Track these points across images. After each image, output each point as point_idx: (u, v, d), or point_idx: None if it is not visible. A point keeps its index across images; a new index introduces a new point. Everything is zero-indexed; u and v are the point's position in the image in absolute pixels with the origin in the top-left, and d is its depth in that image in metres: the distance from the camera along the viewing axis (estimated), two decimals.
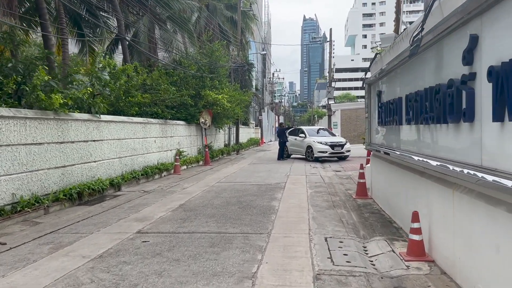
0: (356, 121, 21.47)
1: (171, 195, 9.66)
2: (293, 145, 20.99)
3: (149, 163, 13.46)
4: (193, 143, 18.63)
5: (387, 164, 7.36)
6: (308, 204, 8.30)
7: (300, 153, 20.27)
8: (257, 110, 51.15)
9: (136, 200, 9.17)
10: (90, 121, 9.93)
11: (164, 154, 14.96)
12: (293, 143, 20.93)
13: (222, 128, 23.01)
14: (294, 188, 10.49)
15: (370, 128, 9.18)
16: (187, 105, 17.83)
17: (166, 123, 15.28)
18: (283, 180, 12.19)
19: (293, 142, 20.99)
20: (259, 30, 53.47)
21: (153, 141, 13.94)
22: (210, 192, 10.00)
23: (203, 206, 8.21)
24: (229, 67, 23.59)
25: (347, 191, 9.98)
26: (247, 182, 11.82)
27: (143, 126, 13.13)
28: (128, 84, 13.91)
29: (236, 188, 10.59)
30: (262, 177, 13.16)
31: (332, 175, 13.48)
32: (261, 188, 10.64)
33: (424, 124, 5.03)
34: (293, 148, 21.04)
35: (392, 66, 6.67)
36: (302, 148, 19.91)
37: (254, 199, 8.86)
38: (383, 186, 7.79)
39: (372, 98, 8.96)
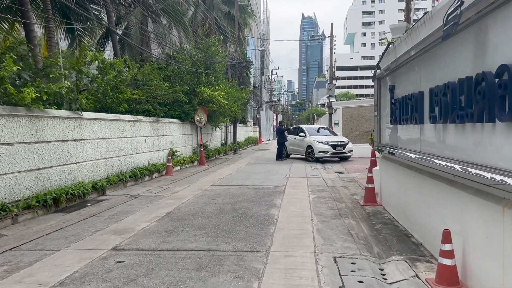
0: (358, 119, 20.56)
1: (159, 201, 8.75)
2: (292, 145, 20.10)
3: (138, 164, 12.54)
4: (187, 142, 17.71)
5: (402, 168, 6.46)
6: (311, 212, 7.40)
7: (300, 153, 19.37)
8: (255, 108, 50.23)
9: (120, 206, 8.25)
10: (70, 118, 9.00)
11: (156, 154, 14.03)
12: (293, 143, 20.03)
13: (219, 126, 22.10)
14: (295, 193, 9.59)
15: (380, 127, 8.29)
16: (181, 102, 16.90)
17: (158, 121, 14.35)
18: (282, 183, 11.29)
19: (292, 141, 20.09)
20: (257, 26, 52.51)
21: (143, 141, 13.01)
22: (202, 197, 9.09)
23: (193, 214, 7.29)
24: (225, 63, 22.65)
25: (353, 197, 9.08)
26: (244, 185, 10.91)
27: (132, 125, 12.20)
28: (116, 79, 12.98)
29: (231, 193, 9.68)
30: (260, 179, 12.25)
31: (334, 178, 12.59)
32: (258, 192, 9.73)
33: (456, 123, 4.13)
34: (292, 147, 20.15)
35: (410, 56, 5.77)
36: (302, 148, 19.01)
37: (250, 206, 7.95)
38: (396, 193, 6.89)
39: (382, 94, 8.05)
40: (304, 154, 18.77)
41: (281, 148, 19.79)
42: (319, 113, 74.24)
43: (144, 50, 17.04)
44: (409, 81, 6.03)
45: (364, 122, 20.26)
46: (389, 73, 7.27)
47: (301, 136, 19.20)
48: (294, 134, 20.23)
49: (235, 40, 28.25)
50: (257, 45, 60.35)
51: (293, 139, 20.07)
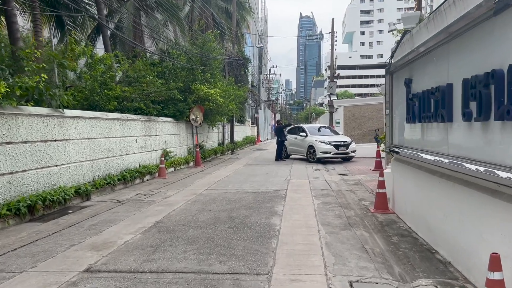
0: (361, 118, 19.78)
1: (147, 208, 7.92)
2: (292, 145, 19.22)
3: (129, 166, 11.70)
4: (182, 142, 16.88)
5: (422, 172, 5.66)
6: (317, 221, 6.59)
7: (301, 153, 18.53)
8: (253, 107, 49.41)
9: (104, 214, 7.41)
10: (50, 116, 8.16)
11: (148, 155, 13.20)
12: (293, 143, 19.16)
13: (215, 126, 21.25)
14: (297, 198, 8.78)
15: (392, 126, 7.49)
16: (175, 100, 16.05)
17: (150, 120, 13.52)
18: (283, 187, 10.49)
19: (292, 141, 19.21)
20: (255, 23, 51.67)
21: (134, 141, 12.18)
22: (196, 203, 8.27)
23: (184, 224, 6.47)
24: (222, 60, 21.82)
25: (362, 202, 8.27)
26: (242, 189, 10.10)
27: (121, 123, 11.37)
28: (105, 75, 12.13)
29: (228, 198, 8.86)
30: (259, 182, 11.44)
31: (338, 180, 11.78)
32: (257, 197, 8.92)
33: (505, 121, 3.34)
34: (292, 148, 19.27)
35: (433, 44, 4.98)
36: (303, 148, 18.17)
37: (249, 214, 7.14)
38: (415, 200, 6.09)
39: (395, 90, 7.25)
40: (305, 155, 17.96)
41: (281, 147, 18.99)
42: (318, 112, 73.56)
43: (137, 45, 16.19)
44: (432, 73, 5.22)
45: (367, 121, 19.47)
46: (405, 66, 6.47)
47: (302, 136, 18.37)
48: (294, 134, 19.39)
49: (232, 36, 27.41)
50: (255, 44, 59.53)
51: (293, 139, 19.21)
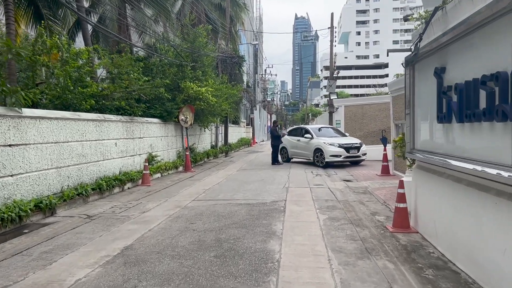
0: (362, 119, 18.56)
1: (119, 226, 6.58)
2: (295, 148, 17.69)
3: (106, 173, 10.36)
4: (170, 145, 15.54)
5: (464, 188, 4.37)
6: (326, 246, 5.30)
7: (305, 156, 17.06)
8: (248, 108, 48.14)
9: (63, 236, 6.07)
10: (2, 117, 6.81)
11: (130, 160, 11.85)
12: (295, 145, 17.61)
13: (208, 127, 19.92)
14: (299, 212, 7.48)
15: (413, 127, 6.21)
16: (163, 100, 14.73)
17: (132, 120, 12.17)
18: (281, 196, 9.19)
19: (295, 144, 17.69)
20: (250, 22, 50.43)
21: (113, 144, 10.83)
22: (178, 220, 6.94)
23: (159, 251, 5.15)
24: (214, 57, 20.50)
25: (375, 217, 6.99)
26: (234, 200, 8.78)
27: (97, 125, 10.03)
28: (81, 70, 10.77)
29: (217, 212, 7.54)
30: (254, 190, 10.14)
31: (343, 188, 10.50)
32: (252, 211, 7.61)
33: None
34: (294, 151, 17.77)
35: (487, 17, 3.71)
36: (307, 151, 16.69)
37: (241, 236, 5.82)
38: (451, 222, 4.79)
39: (420, 83, 5.98)
40: (312, 158, 16.38)
41: (277, 150, 17.72)
42: (314, 113, 72.47)
43: (121, 39, 14.83)
44: (483, 56, 3.94)
45: (369, 121, 18.24)
46: (435, 52, 5.19)
47: (307, 138, 16.86)
48: (296, 136, 17.89)
49: (226, 33, 26.08)
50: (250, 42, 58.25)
51: (295, 141, 17.68)
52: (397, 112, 12.47)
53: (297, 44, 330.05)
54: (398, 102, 12.22)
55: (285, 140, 18.37)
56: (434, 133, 5.42)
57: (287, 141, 18.28)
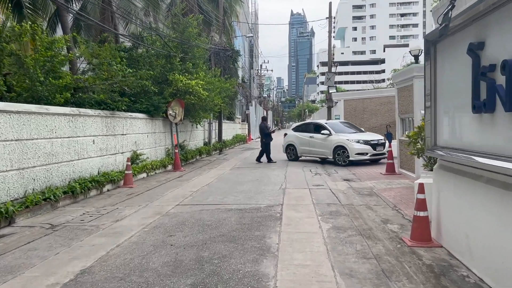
0: (363, 113, 17.55)
1: (83, 240, 5.51)
2: (306, 145, 16.12)
3: (82, 174, 9.27)
4: (158, 142, 14.45)
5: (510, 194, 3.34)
6: (333, 267, 4.25)
7: (321, 155, 15.60)
8: (244, 104, 47.10)
9: (11, 254, 4.99)
10: None
11: (111, 159, 10.76)
12: (307, 142, 16.02)
13: (200, 123, 18.82)
14: (298, 219, 6.43)
15: (435, 121, 5.16)
16: (149, 93, 13.63)
17: (114, 115, 11.07)
18: (277, 200, 8.14)
19: (306, 141, 16.09)
20: (246, 16, 49.23)
21: (90, 142, 9.73)
22: (155, 231, 5.88)
23: (122, 278, 4.09)
24: (206, 49, 19.38)
25: (388, 226, 5.96)
26: (223, 205, 7.73)
27: (70, 120, 8.93)
28: (54, 60, 9.65)
29: (202, 220, 6.49)
30: (247, 192, 9.08)
31: (346, 189, 9.47)
32: (243, 218, 6.56)
33: None
34: (306, 148, 16.21)
35: None
36: (325, 148, 15.12)
37: (228, 253, 4.77)
38: (493, 237, 3.75)
39: (445, 66, 4.93)
40: (331, 157, 14.86)
41: (267, 149, 16.46)
42: (311, 109, 71.56)
43: (103, 26, 13.68)
44: None
45: (370, 116, 17.25)
46: (469, 24, 4.14)
47: (324, 134, 15.20)
48: (307, 132, 16.26)
49: (219, 25, 24.94)
50: (245, 38, 57.05)
51: (307, 138, 16.06)
52: (402, 105, 11.44)
53: (293, 40, 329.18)
54: (404, 95, 11.19)
55: (292, 137, 16.92)
56: (465, 126, 4.38)
57: (295, 138, 16.73)
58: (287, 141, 17.12)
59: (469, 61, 4.09)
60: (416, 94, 10.17)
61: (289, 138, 17.05)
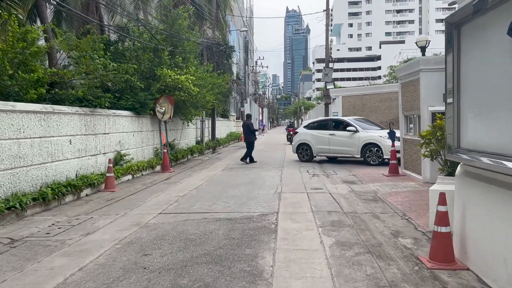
0: (362, 110, 16.78)
1: (41, 260, 4.64)
2: (325, 144, 14.80)
3: (57, 178, 8.39)
4: (146, 141, 13.57)
5: None
6: None
7: (345, 153, 14.39)
8: (238, 101, 46.23)
9: None
10: None
11: (91, 161, 9.88)
12: (326, 141, 14.71)
13: (192, 121, 17.95)
14: (295, 232, 5.60)
15: (459, 119, 4.35)
16: (135, 89, 12.75)
17: (94, 113, 10.18)
18: (272, 207, 7.31)
19: (325, 139, 14.76)
20: (240, 12, 48.25)
21: (66, 142, 8.85)
22: (129, 248, 5.03)
23: None
24: (198, 43, 18.47)
25: (400, 241, 5.14)
26: (211, 213, 6.89)
27: (42, 118, 8.04)
28: (25, 51, 8.74)
29: (186, 233, 5.64)
30: (239, 197, 8.25)
31: (347, 193, 8.66)
32: (233, 231, 5.72)
33: None
34: (325, 147, 14.88)
35: None
36: (351, 147, 13.99)
37: (212, 281, 3.93)
38: None
39: (472, 53, 4.11)
40: (360, 155, 13.71)
41: (251, 148, 15.47)
42: (307, 106, 70.80)
43: (87, 19, 12.75)
44: None
45: (369, 113, 16.48)
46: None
47: (350, 131, 14.06)
48: (325, 129, 14.92)
49: (212, 19, 24.02)
50: (240, 34, 56.07)
51: (326, 136, 14.73)
52: (407, 101, 10.64)
53: (288, 37, 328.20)
54: (409, 90, 10.39)
55: (305, 136, 15.51)
56: (500, 126, 3.57)
57: (309, 137, 15.32)
58: (299, 140, 15.64)
59: (505, 46, 3.28)
60: (422, 90, 9.38)
61: (302, 137, 15.60)
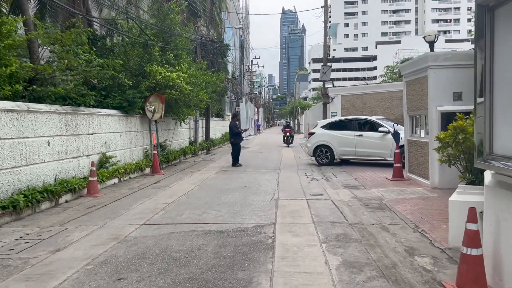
0: (362, 110, 16.14)
1: None
2: (350, 146, 13.55)
3: (32, 183, 7.63)
4: (135, 142, 12.81)
5: None
6: None
7: (376, 156, 13.32)
8: (234, 101, 45.51)
9: None
10: None
11: (73, 164, 9.12)
12: (352, 143, 13.41)
13: (185, 120, 17.20)
14: (296, 250, 4.89)
15: (492, 120, 3.66)
16: (123, 87, 12.01)
17: (76, 112, 9.41)
18: (269, 216, 6.60)
19: (350, 140, 13.50)
20: (236, 10, 47.50)
21: (44, 143, 8.09)
22: (101, 270, 4.30)
23: None
24: (191, 39, 17.73)
25: (416, 260, 4.45)
26: (201, 224, 6.17)
27: (14, 117, 7.28)
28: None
29: (169, 250, 4.91)
30: (232, 205, 7.53)
31: (350, 199, 7.97)
32: (224, 247, 5.00)
33: None
34: (349, 150, 13.67)
35: None
36: (383, 149, 12.89)
37: None
38: None
39: (510, 43, 3.42)
40: (392, 158, 11.94)
41: (238, 150, 14.69)
42: (303, 106, 70.18)
43: (70, 10, 11.97)
44: None
45: (370, 113, 15.85)
46: None
47: (382, 132, 12.95)
48: (351, 130, 13.71)
49: (206, 16, 23.27)
50: (235, 33, 55.32)
51: (351, 138, 13.45)
52: (413, 100, 9.97)
53: (284, 37, 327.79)
54: (415, 88, 9.72)
55: (324, 137, 14.14)
56: None
57: (330, 138, 14.00)
58: (317, 141, 14.26)
59: None
60: (431, 88, 8.70)
61: (320, 138, 14.22)
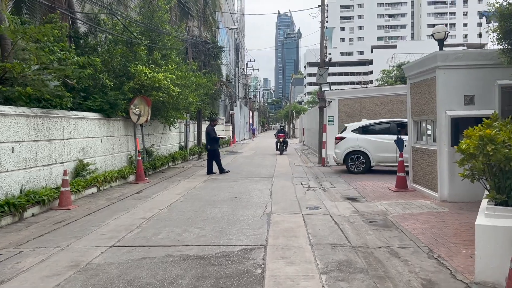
0: (361, 114, 15.38)
1: None
2: (391, 151, 11.92)
3: None
4: (118, 147, 11.90)
5: None
6: None
7: None
8: (228, 104, 44.65)
9: None
10: None
11: (43, 172, 8.20)
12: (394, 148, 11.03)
13: (174, 124, 16.30)
14: (290, 284, 4.01)
15: None
16: (105, 88, 11.13)
17: (48, 115, 8.50)
18: (259, 237, 5.73)
19: (390, 145, 11.71)
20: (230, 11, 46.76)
21: (7, 150, 7.18)
22: None
23: None
24: (181, 39, 16.88)
25: None
26: (180, 246, 5.27)
27: None
28: None
29: (136, 283, 4.02)
30: (218, 221, 6.65)
31: (351, 214, 7.12)
32: (203, 279, 4.11)
33: None
34: (389, 156, 12.16)
35: None
36: None
37: None
38: None
39: None
40: None
41: (213, 157, 13.59)
42: (298, 110, 69.50)
43: (51, 6, 11.09)
44: None
45: (368, 117, 15.03)
46: None
47: None
48: (389, 134, 12.21)
49: (199, 16, 22.43)
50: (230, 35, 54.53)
51: (390, 142, 11.54)
52: (418, 104, 9.17)
53: (279, 41, 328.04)
54: (422, 91, 8.92)
55: (358, 141, 12.71)
56: None
57: (364, 143, 12.60)
58: (349, 146, 12.77)
59: None
60: (440, 90, 7.90)
61: (353, 143, 12.75)
